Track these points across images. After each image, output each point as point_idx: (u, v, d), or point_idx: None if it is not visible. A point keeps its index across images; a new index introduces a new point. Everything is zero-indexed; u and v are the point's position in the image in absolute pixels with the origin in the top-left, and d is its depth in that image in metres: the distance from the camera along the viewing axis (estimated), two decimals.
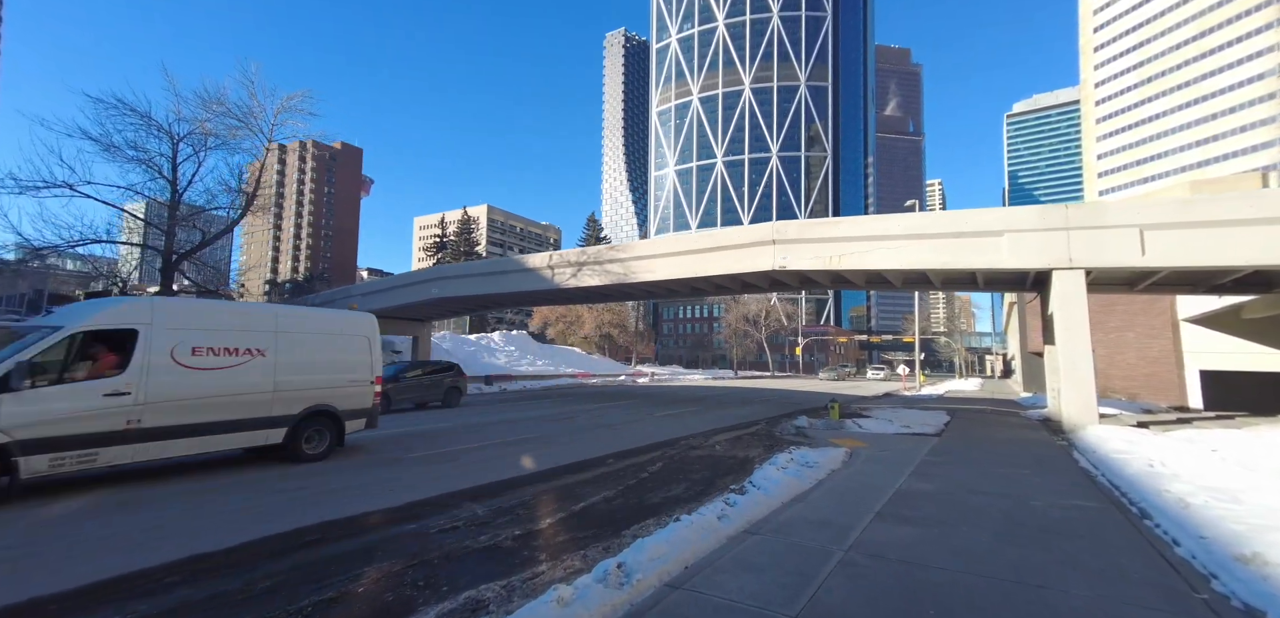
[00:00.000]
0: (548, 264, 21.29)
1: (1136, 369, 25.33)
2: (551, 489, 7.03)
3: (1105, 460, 8.20)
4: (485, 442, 10.89)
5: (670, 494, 6.82)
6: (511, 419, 15.15)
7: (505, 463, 8.72)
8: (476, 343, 39.97)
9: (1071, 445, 10.52)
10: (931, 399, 25.33)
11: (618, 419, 15.37)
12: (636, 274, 19.77)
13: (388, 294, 25.49)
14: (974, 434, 12.23)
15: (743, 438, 12.18)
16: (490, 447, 10.36)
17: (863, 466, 8.34)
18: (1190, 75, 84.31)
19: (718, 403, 21.83)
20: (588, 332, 54.75)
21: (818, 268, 16.26)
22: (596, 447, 10.55)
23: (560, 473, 8.08)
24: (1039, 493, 6.60)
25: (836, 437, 11.85)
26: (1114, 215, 12.12)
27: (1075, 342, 12.65)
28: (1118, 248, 12.04)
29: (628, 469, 8.40)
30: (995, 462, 8.79)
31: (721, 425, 14.52)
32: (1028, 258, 13.29)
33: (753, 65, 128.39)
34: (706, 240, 18.60)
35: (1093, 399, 12.43)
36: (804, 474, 7.42)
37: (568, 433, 12.50)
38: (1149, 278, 13.63)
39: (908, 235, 14.86)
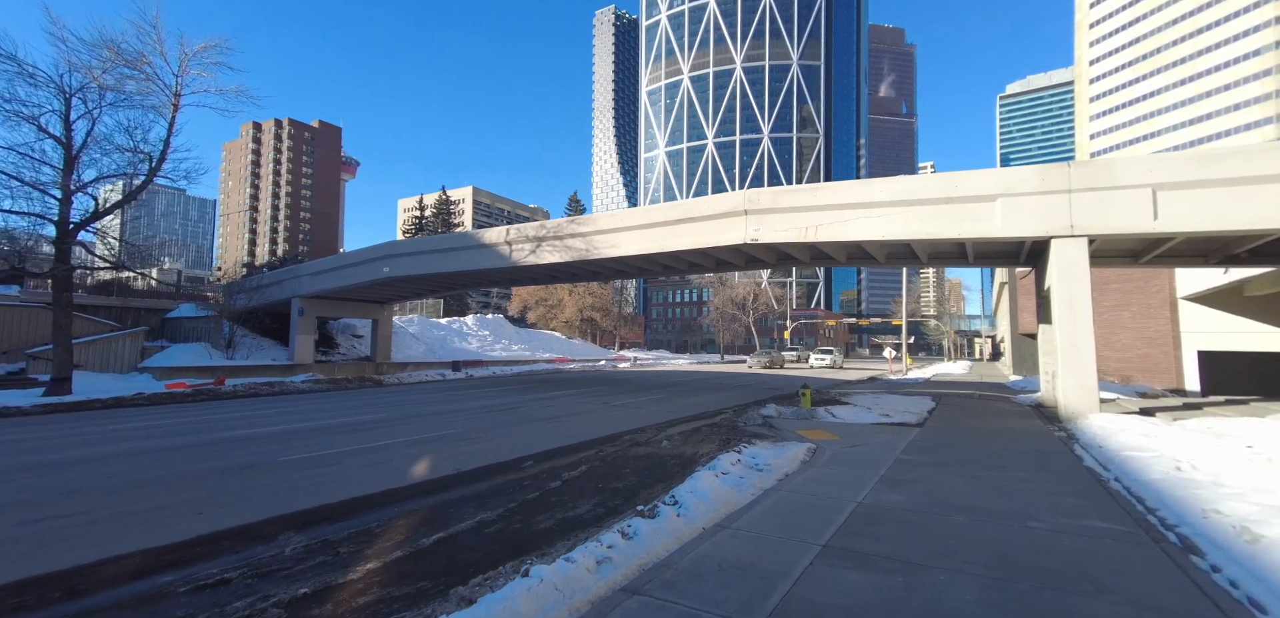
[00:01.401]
0: (505, 239, 19.52)
1: (1131, 350, 24.14)
2: (421, 510, 5.45)
3: (1117, 459, 6.74)
4: (391, 440, 9.28)
5: (568, 516, 5.26)
6: (446, 410, 13.55)
7: (390, 470, 7.11)
8: (448, 327, 38.17)
9: (1072, 438, 9.11)
10: (917, 384, 24.05)
11: (569, 409, 13.83)
12: (599, 250, 18.08)
13: (336, 274, 23.60)
14: (961, 424, 10.81)
15: (700, 430, 10.69)
16: (394, 446, 8.75)
17: (824, 468, 6.84)
18: (1185, 52, 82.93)
19: (691, 389, 20.38)
20: (569, 316, 53.06)
21: (792, 240, 14.67)
22: (523, 445, 8.99)
23: (451, 483, 6.49)
24: (1040, 509, 5.12)
25: (805, 428, 10.39)
26: (1123, 174, 10.60)
27: (1075, 319, 11.21)
28: (1127, 211, 10.54)
29: (539, 477, 6.83)
30: (984, 461, 7.33)
31: (683, 415, 13.04)
32: (1024, 225, 11.77)
33: (744, 43, 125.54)
34: (673, 212, 16.93)
35: (1094, 384, 11.03)
36: (746, 483, 5.89)
37: (500, 427, 10.92)
38: (1159, 247, 12.19)
39: (892, 202, 13.29)
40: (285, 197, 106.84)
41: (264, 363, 22.93)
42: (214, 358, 21.47)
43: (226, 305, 24.41)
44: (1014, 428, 10.36)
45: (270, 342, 25.86)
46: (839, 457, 7.57)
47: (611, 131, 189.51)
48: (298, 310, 24.28)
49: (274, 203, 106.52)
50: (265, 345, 25.26)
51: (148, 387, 16.62)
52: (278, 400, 15.78)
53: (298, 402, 15.45)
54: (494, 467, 7.34)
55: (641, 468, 7.29)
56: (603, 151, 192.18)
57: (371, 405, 14.51)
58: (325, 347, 28.60)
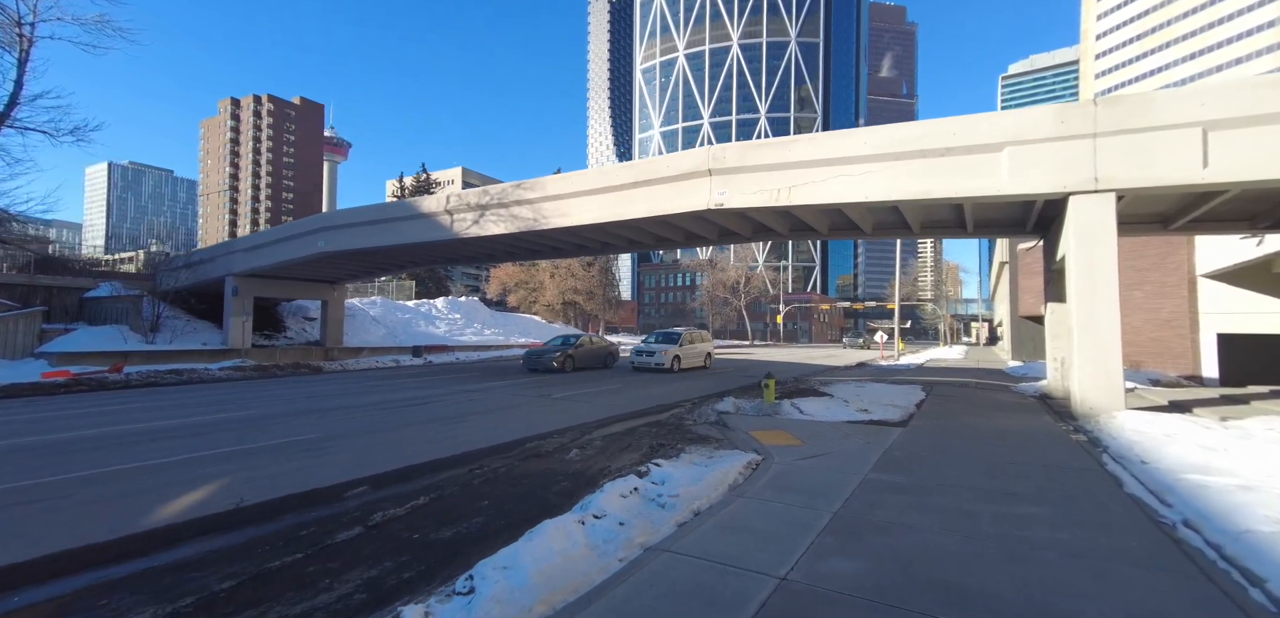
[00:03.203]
0: (444, 208, 17.25)
1: (1142, 333, 22.12)
2: (60, 598, 3.36)
3: (1179, 489, 4.67)
4: (204, 452, 7.16)
5: (290, 614, 3.17)
6: (344, 406, 11.48)
7: (105, 514, 5.01)
8: (413, 310, 35.94)
9: (1095, 443, 7.06)
10: (909, 370, 22.05)
11: (492, 404, 11.75)
12: (549, 219, 15.85)
13: (271, 249, 21.34)
14: (954, 424, 8.76)
15: (636, 431, 8.63)
16: (192, 463, 6.64)
17: (755, 499, 4.76)
18: (1193, 25, 79.83)
19: (659, 379, 18.32)
20: (550, 299, 50.90)
21: (762, 204, 12.47)
22: (380, 459, 6.91)
23: (186, 535, 4.38)
24: (1083, 594, 3.06)
25: (762, 428, 8.33)
26: (1166, 111, 8.41)
27: (1096, 294, 9.11)
28: (1169, 158, 8.38)
29: (339, 520, 4.74)
30: (983, 487, 5.26)
31: (629, 410, 10.99)
32: (1036, 179, 9.61)
33: (741, 19, 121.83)
34: (629, 174, 14.69)
35: (1118, 374, 8.97)
36: (616, 539, 3.81)
37: (378, 430, 8.83)
38: (1200, 206, 10.04)
39: (877, 155, 11.08)
40: (266, 176, 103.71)
41: (191, 348, 20.77)
42: (129, 342, 19.31)
43: (154, 285, 22.19)
44: (1019, 429, 8.31)
45: (206, 325, 23.68)
46: (784, 477, 5.50)
47: (607, 112, 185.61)
48: (231, 290, 22.06)
49: (254, 182, 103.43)
50: (199, 328, 23.09)
51: (27, 375, 14.48)
52: (166, 392, 13.68)
53: (186, 394, 13.34)
54: (294, 499, 5.22)
55: (503, 500, 5.19)
56: (598, 133, 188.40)
57: (264, 399, 12.42)
58: (271, 330, 26.44)
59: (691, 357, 21.07)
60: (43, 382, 13.66)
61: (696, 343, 22.01)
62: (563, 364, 19.19)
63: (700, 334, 23.15)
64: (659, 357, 19.50)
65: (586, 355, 20.64)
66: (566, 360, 19.43)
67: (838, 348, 52.14)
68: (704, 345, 22.61)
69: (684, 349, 20.61)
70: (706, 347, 22.83)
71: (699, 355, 21.79)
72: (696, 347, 21.84)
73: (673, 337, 21.06)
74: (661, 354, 19.48)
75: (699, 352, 21.89)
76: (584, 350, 20.67)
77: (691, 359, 20.98)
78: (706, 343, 23.06)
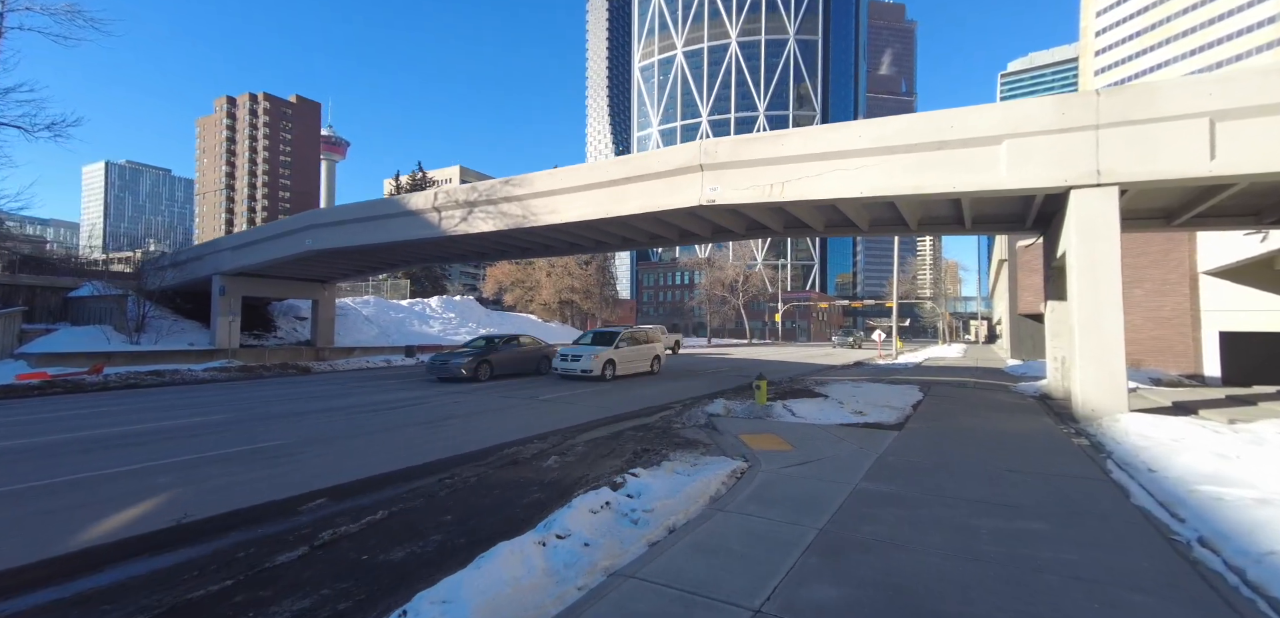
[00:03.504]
0: (432, 205, 16.90)
1: (1142, 332, 21.82)
2: None
3: (1191, 502, 4.35)
4: (167, 460, 6.83)
5: None
6: (323, 409, 11.14)
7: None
8: (407, 309, 35.57)
9: (1099, 448, 6.74)
10: (906, 369, 21.74)
11: (476, 407, 11.42)
12: (537, 216, 15.50)
13: (258, 247, 20.97)
14: (951, 427, 8.44)
15: (621, 435, 8.31)
16: (146, 473, 6.31)
17: (736, 514, 4.43)
18: (1194, 21, 79.46)
19: (651, 379, 17.99)
20: (547, 297, 50.54)
21: (755, 201, 12.13)
22: (349, 467, 6.58)
23: (103, 559, 4.06)
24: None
25: (753, 432, 8.01)
26: (1171, 100, 8.07)
27: (1099, 291, 8.79)
28: (1175, 150, 8.04)
29: (280, 541, 4.42)
30: (983, 497, 4.94)
31: (616, 413, 10.66)
32: (1035, 173, 9.28)
33: (740, 16, 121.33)
34: (619, 169, 14.34)
35: (1122, 375, 8.65)
36: (580, 563, 3.48)
37: (355, 434, 8.51)
38: (1206, 201, 9.71)
39: (872, 149, 10.75)
40: (263, 175, 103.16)
41: (177, 348, 20.42)
42: (113, 343, 18.94)
43: (140, 284, 21.81)
44: (1019, 432, 7.99)
45: (194, 324, 23.31)
46: (770, 488, 5.17)
47: (605, 110, 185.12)
48: (218, 289, 21.70)
49: (251, 181, 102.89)
50: (186, 328, 22.72)
51: (2, 378, 14.12)
52: (144, 395, 13.33)
53: (164, 396, 12.99)
54: (243, 514, 4.88)
55: (469, 514, 4.86)
56: (596, 132, 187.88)
57: (242, 402, 12.09)
58: (261, 330, 26.08)
59: (631, 361, 17.55)
60: (16, 384, 13.31)
61: (641, 343, 18.43)
62: (476, 372, 15.62)
63: (646, 332, 19.55)
64: (586, 361, 15.92)
65: (511, 360, 17.21)
66: (481, 367, 15.85)
67: (830, 347, 50.95)
68: (649, 347, 18.77)
69: (621, 352, 16.98)
70: (654, 348, 19.04)
71: (643, 358, 18.19)
72: (639, 349, 18.13)
73: (607, 336, 17.49)
74: (590, 359, 15.96)
75: (643, 355, 18.21)
76: (508, 355, 17.21)
77: (632, 363, 17.55)
78: (654, 343, 19.24)
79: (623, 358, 17.18)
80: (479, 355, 16.19)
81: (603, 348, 16.64)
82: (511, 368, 17.17)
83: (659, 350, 19.32)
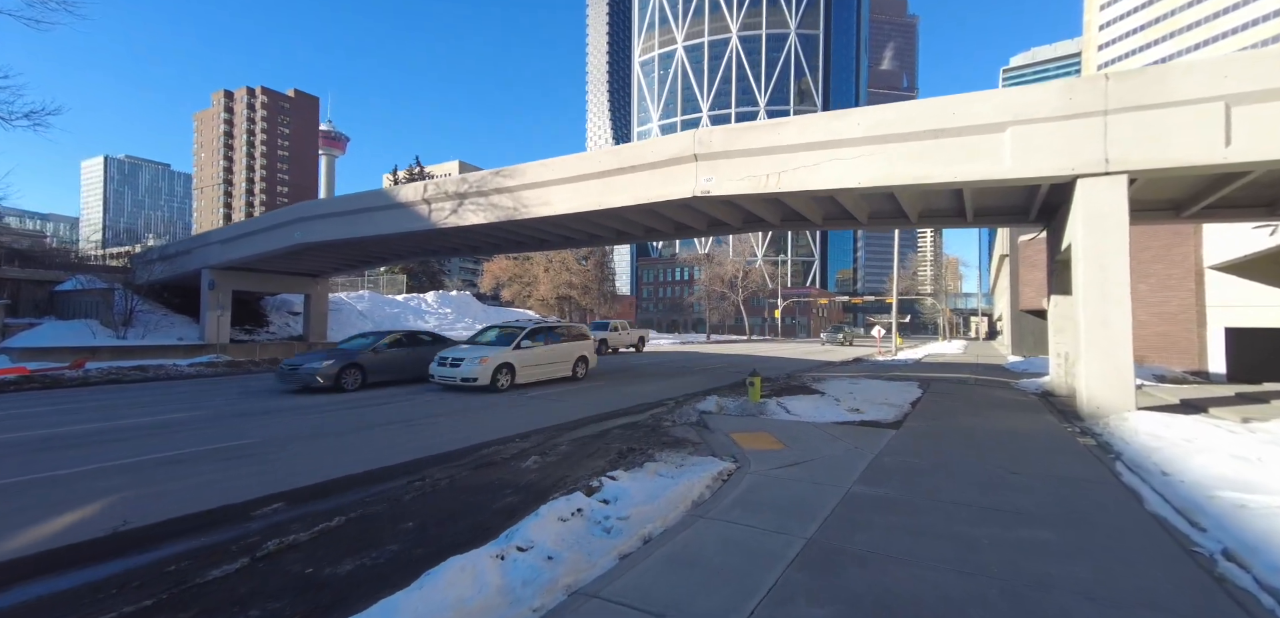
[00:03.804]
0: (422, 197, 16.54)
1: (1147, 328, 21.44)
2: None
3: (1212, 510, 4.01)
4: (114, 462, 6.51)
5: None
6: (303, 406, 10.82)
7: None
8: (402, 304, 35.25)
9: (1107, 449, 6.40)
10: (905, 366, 21.40)
11: (469, 403, 11.10)
12: (529, 208, 15.14)
13: (248, 240, 20.63)
14: (951, 425, 8.11)
15: (608, 433, 7.99)
16: (105, 473, 5.99)
17: (718, 521, 4.10)
18: (1199, 15, 78.68)
19: (646, 375, 17.69)
20: (544, 293, 50.22)
21: (749, 191, 11.77)
22: (321, 467, 6.27)
23: (18, 574, 3.73)
24: None
25: (744, 431, 7.68)
26: (1183, 84, 7.70)
27: (1106, 285, 8.44)
28: (1188, 135, 7.68)
29: (248, 541, 4.11)
30: (984, 503, 4.60)
31: (606, 410, 10.33)
32: (1040, 161, 8.91)
33: (740, 11, 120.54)
34: (611, 160, 13.97)
35: (1129, 372, 8.31)
36: (540, 578, 3.15)
37: (334, 431, 8.19)
38: (1218, 190, 9.34)
39: (870, 137, 10.38)
40: (261, 169, 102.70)
41: (164, 343, 20.11)
42: (98, 337, 18.64)
43: (128, 278, 21.50)
44: (1022, 432, 7.65)
45: (184, 319, 23.01)
46: (757, 491, 4.83)
47: (605, 105, 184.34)
48: (208, 283, 21.37)
49: (249, 176, 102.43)
50: (175, 323, 22.42)
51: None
52: (124, 391, 13.01)
53: (145, 392, 12.67)
54: (190, 520, 4.57)
55: (432, 521, 4.53)
56: (596, 126, 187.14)
57: (222, 397, 11.77)
58: (253, 325, 25.79)
59: (542, 365, 13.69)
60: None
61: (559, 341, 14.52)
62: (339, 379, 12.17)
63: (567, 328, 15.59)
64: (469, 367, 12.08)
65: (397, 363, 13.58)
66: (346, 372, 12.35)
67: (820, 344, 47.36)
68: (569, 348, 14.73)
69: (525, 353, 13.11)
70: (576, 349, 14.97)
71: (559, 361, 14.28)
72: (554, 349, 14.19)
73: (507, 336, 13.61)
74: (474, 363, 12.07)
75: (559, 357, 14.29)
76: (393, 358, 13.60)
77: (542, 368, 13.69)
78: (576, 342, 15.16)
79: (527, 362, 13.16)
80: (345, 359, 12.58)
81: (496, 349, 12.72)
82: (397, 373, 13.59)
83: (584, 351, 15.20)
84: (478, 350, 12.68)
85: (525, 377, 13.24)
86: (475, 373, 12.06)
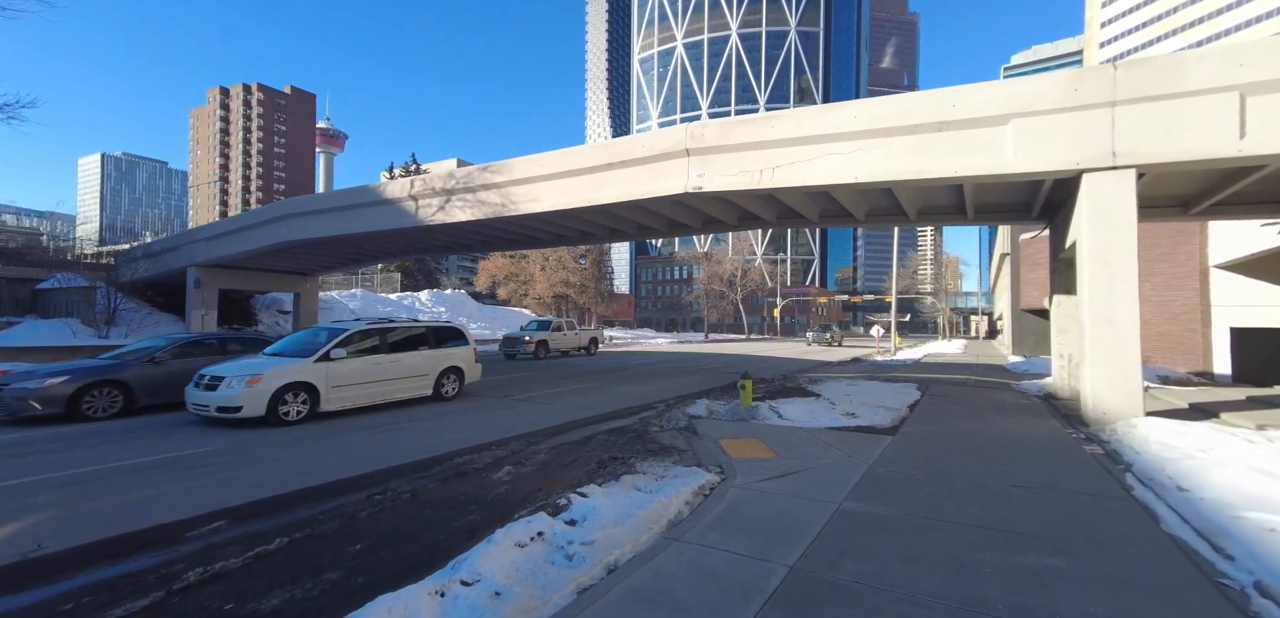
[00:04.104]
0: (409, 194, 16.15)
1: (1150, 328, 21.08)
2: None
3: (1241, 535, 3.63)
4: (47, 475, 6.10)
5: None
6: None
7: None
8: (396, 303, 34.88)
9: (1116, 459, 6.03)
10: (904, 366, 21.03)
11: (451, 406, 10.71)
12: (517, 204, 14.75)
13: (234, 238, 20.24)
14: (950, 431, 7.73)
15: (592, 439, 7.61)
16: (33, 488, 5.59)
17: (690, 548, 3.71)
18: (1202, 11, 78.16)
19: (641, 375, 17.30)
20: (541, 292, 49.81)
21: (742, 187, 11.37)
22: (276, 479, 5.88)
23: None
24: None
25: (734, 437, 7.30)
26: (1196, 73, 7.31)
27: (1114, 283, 8.05)
28: (1201, 127, 7.29)
29: (171, 568, 3.73)
30: (985, 524, 4.22)
31: (593, 414, 9.93)
32: (1044, 155, 8.52)
33: (740, 8, 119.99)
34: (600, 155, 13.58)
35: (1137, 375, 7.93)
36: (485, 616, 2.76)
37: (301, 439, 7.79)
38: (1229, 185, 8.95)
39: (868, 131, 9.98)
40: (257, 167, 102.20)
41: None
42: (79, 336, 18.25)
43: (113, 276, 21.11)
44: (1025, 438, 7.28)
45: (169, 318, 22.63)
46: (739, 509, 4.45)
47: (605, 103, 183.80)
48: (193, 281, 20.99)
49: (245, 173, 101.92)
50: (160, 322, 22.03)
51: None
52: None
53: None
54: (113, 543, 4.19)
55: (384, 543, 4.15)
56: (596, 125, 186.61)
57: None
58: (242, 323, 25.40)
59: (368, 383, 9.56)
60: None
61: (404, 349, 10.31)
62: (74, 405, 8.63)
63: (435, 331, 11.19)
64: (228, 392, 8.09)
65: (185, 378, 9.00)
66: (90, 395, 8.82)
67: (812, 344, 43.53)
68: (424, 359, 10.56)
69: (334, 369, 9.03)
70: (439, 359, 10.84)
71: (409, 377, 10.25)
72: (394, 360, 10.03)
73: (314, 345, 9.28)
74: (239, 387, 8.10)
75: (405, 370, 10.20)
76: (181, 370, 9.57)
77: (370, 388, 9.60)
78: (443, 351, 11.01)
79: (345, 379, 9.22)
80: (93, 376, 9.01)
81: (285, 363, 8.76)
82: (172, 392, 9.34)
83: (456, 362, 11.09)
84: (253, 366, 8.62)
85: (340, 401, 9.05)
86: (237, 399, 8.01)
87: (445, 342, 11.35)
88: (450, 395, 11.11)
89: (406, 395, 10.39)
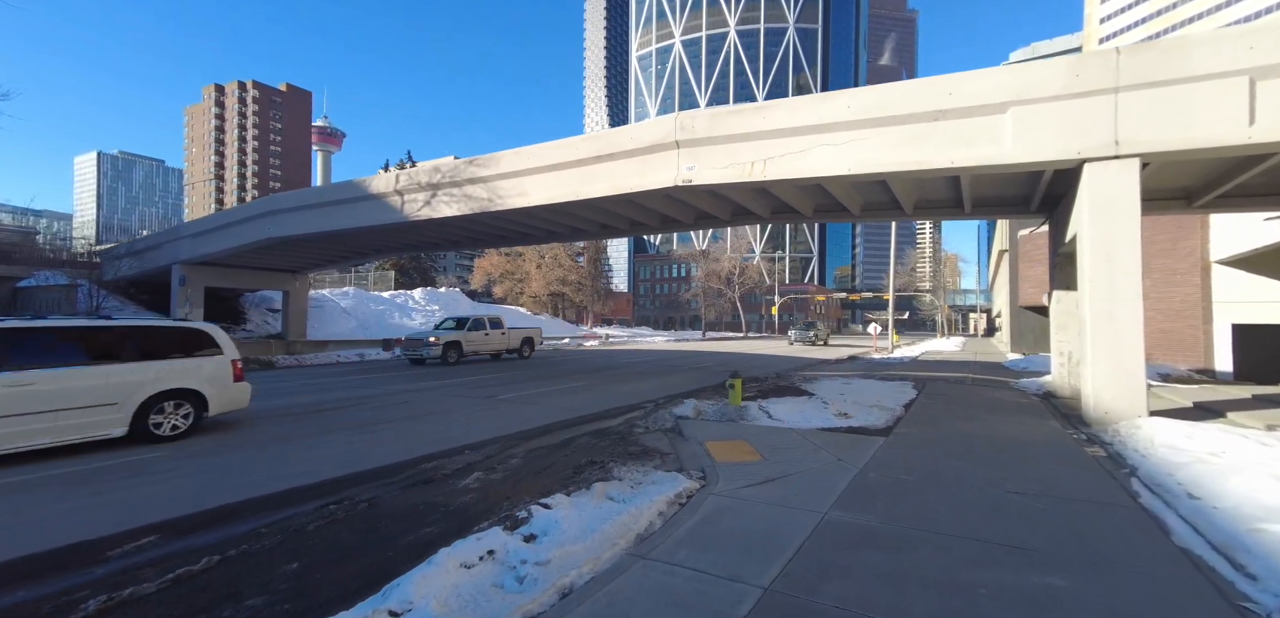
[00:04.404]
0: (394, 188, 15.77)
1: (1151, 325, 20.73)
2: None
3: (1261, 550, 3.31)
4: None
5: None
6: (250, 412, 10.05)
7: None
8: (388, 301, 34.47)
9: (1120, 463, 5.71)
10: (902, 364, 20.72)
11: (432, 407, 10.39)
12: (505, 198, 14.38)
13: (219, 234, 19.85)
14: (946, 432, 7.40)
15: (575, 442, 7.27)
16: None
17: (655, 568, 3.37)
18: (1200, 7, 77.83)
19: (632, 373, 16.96)
20: (536, 290, 49.45)
21: (733, 180, 11.02)
22: (232, 486, 5.55)
23: None
24: None
25: (721, 439, 6.97)
26: (1203, 57, 6.98)
27: (1116, 278, 7.73)
28: (1208, 113, 6.96)
29: (75, 594, 3.39)
30: (982, 538, 3.89)
31: (581, 414, 9.59)
32: (1044, 145, 8.19)
33: (738, 5, 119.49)
34: (588, 147, 13.22)
35: (1140, 374, 7.61)
36: None
37: (267, 440, 7.45)
38: (1239, 174, 8.61)
39: (862, 121, 9.64)
40: (253, 165, 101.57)
41: None
42: None
43: (96, 274, 20.71)
44: (1024, 441, 6.95)
45: (155, 316, 22.22)
46: (716, 520, 4.11)
47: (603, 101, 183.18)
48: (178, 279, 20.61)
49: (241, 171, 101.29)
50: (147, 320, 21.63)
51: None
52: None
53: None
54: (34, 561, 3.87)
55: (325, 562, 3.81)
56: (594, 123, 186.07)
57: None
58: (230, 322, 25.00)
59: (49, 416, 6.03)
60: None
61: (76, 362, 6.40)
62: None
63: (147, 334, 7.34)
64: None
65: None
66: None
67: (794, 343, 36.92)
68: (116, 377, 6.63)
69: (26, 386, 5.89)
70: (151, 375, 6.93)
71: (87, 404, 6.34)
72: (58, 381, 6.14)
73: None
74: None
75: (77, 389, 6.29)
76: None
77: (50, 425, 6.06)
78: (162, 364, 7.11)
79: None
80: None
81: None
82: None
83: (192, 379, 7.44)
84: None
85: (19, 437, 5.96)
86: None
87: (169, 350, 7.33)
88: (177, 432, 7.15)
89: (83, 434, 6.44)
